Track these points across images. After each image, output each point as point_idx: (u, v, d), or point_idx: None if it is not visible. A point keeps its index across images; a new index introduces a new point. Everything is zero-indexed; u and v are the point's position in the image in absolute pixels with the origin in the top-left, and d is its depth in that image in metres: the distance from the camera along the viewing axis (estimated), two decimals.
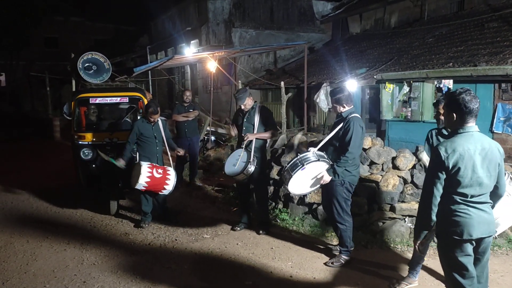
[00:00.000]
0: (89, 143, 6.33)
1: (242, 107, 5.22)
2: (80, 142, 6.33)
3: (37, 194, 7.48)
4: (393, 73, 9.54)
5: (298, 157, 4.13)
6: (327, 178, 4.13)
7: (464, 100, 2.63)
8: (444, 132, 3.71)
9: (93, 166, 6.30)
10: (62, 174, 9.08)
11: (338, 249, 4.50)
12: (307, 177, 4.15)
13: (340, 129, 4.21)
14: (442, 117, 3.68)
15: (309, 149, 4.20)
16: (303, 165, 4.04)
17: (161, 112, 5.75)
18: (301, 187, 4.27)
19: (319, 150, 4.24)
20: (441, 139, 3.69)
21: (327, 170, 4.12)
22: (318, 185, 4.28)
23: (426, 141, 3.96)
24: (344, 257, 4.41)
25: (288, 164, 4.20)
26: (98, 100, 6.70)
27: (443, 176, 2.63)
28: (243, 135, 5.16)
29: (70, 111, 6.71)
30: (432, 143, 3.79)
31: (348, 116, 4.21)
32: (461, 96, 2.64)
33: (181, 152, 5.86)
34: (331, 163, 4.15)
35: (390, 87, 9.48)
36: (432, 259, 4.36)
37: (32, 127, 17.42)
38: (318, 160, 4.09)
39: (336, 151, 4.24)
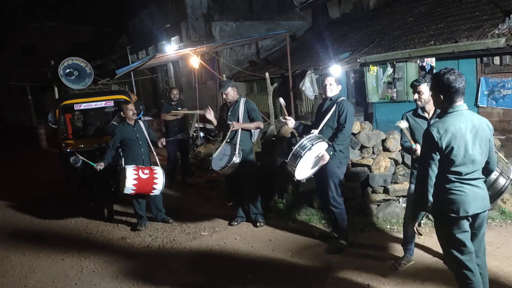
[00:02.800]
0: (77, 150, 6.26)
1: (224, 96, 5.24)
2: (68, 150, 6.26)
3: (29, 205, 7.39)
4: (376, 55, 9.55)
5: (305, 138, 4.19)
6: (327, 157, 4.20)
7: (449, 80, 2.64)
8: (420, 112, 3.73)
9: (83, 173, 6.24)
10: (52, 182, 8.98)
11: (336, 235, 4.54)
12: (311, 157, 4.21)
13: (334, 111, 4.33)
14: (420, 98, 3.67)
15: (312, 131, 4.28)
16: (312, 145, 4.11)
17: (147, 111, 5.71)
18: (304, 170, 4.30)
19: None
20: (418, 120, 3.71)
21: (327, 150, 4.21)
22: (317, 167, 4.30)
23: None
24: (342, 241, 4.45)
25: (296, 146, 4.21)
26: (83, 106, 6.62)
27: (437, 156, 2.65)
28: (229, 122, 5.15)
29: (55, 119, 6.61)
30: (411, 128, 3.77)
31: (339, 99, 4.39)
32: (446, 76, 2.65)
33: (163, 141, 5.75)
34: (330, 143, 4.24)
35: (374, 69, 9.50)
36: (429, 237, 4.43)
37: (18, 137, 17.16)
38: (323, 140, 4.20)
39: (332, 133, 4.35)
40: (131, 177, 5.16)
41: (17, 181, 9.79)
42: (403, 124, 3.57)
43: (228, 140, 5.16)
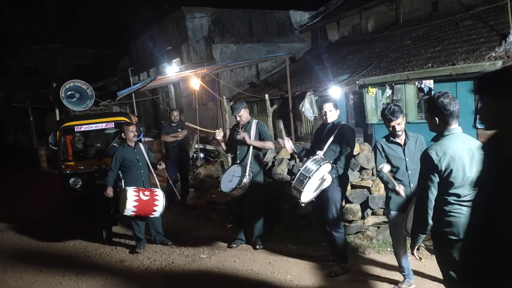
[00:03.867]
0: (77, 171, 6.26)
1: (238, 118, 5.23)
2: (68, 172, 6.26)
3: (28, 227, 7.34)
4: (374, 77, 9.65)
5: (310, 160, 4.18)
6: (329, 180, 4.18)
7: (443, 103, 2.69)
8: (392, 138, 3.78)
9: (83, 194, 6.23)
10: (52, 204, 8.94)
11: (336, 258, 4.49)
12: (316, 179, 4.18)
13: (337, 135, 4.34)
14: (401, 128, 3.73)
15: (317, 153, 4.28)
16: (319, 166, 4.08)
17: (148, 132, 5.73)
18: (310, 192, 4.27)
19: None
20: (392, 146, 3.76)
21: (330, 172, 4.20)
22: (319, 190, 4.27)
23: (378, 153, 3.86)
24: (342, 265, 4.41)
25: (301, 168, 4.18)
26: (83, 128, 6.65)
27: (436, 179, 2.66)
28: (239, 136, 5.12)
29: (56, 141, 6.63)
30: (386, 154, 3.80)
31: (340, 123, 4.43)
32: (440, 99, 2.71)
33: (162, 165, 5.75)
34: (334, 165, 4.24)
35: (373, 91, 9.59)
36: (430, 260, 4.38)
37: (18, 158, 17.18)
38: (328, 162, 4.19)
39: (335, 156, 4.35)
40: (132, 199, 5.14)
41: (16, 202, 9.75)
42: (386, 168, 3.58)
43: (238, 161, 5.16)
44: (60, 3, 29.52)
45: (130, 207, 5.13)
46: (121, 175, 5.60)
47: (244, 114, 5.23)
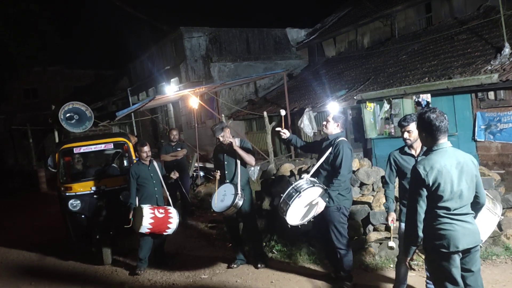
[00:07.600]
0: (77, 193, 6.23)
1: (221, 139, 5.15)
2: (67, 194, 6.22)
3: (27, 251, 7.26)
4: (372, 92, 9.72)
5: (293, 185, 4.12)
6: (322, 205, 4.10)
7: (429, 118, 2.76)
8: (407, 150, 3.77)
9: (82, 216, 6.18)
10: (51, 227, 8.87)
11: (340, 275, 4.43)
12: (303, 205, 4.12)
13: (330, 153, 4.24)
14: (410, 136, 3.73)
15: (302, 176, 4.21)
16: (299, 193, 4.01)
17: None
18: (299, 217, 4.22)
19: (311, 176, 4.25)
20: (405, 157, 3.75)
21: (322, 196, 4.11)
22: (314, 213, 4.22)
23: (388, 165, 3.86)
24: (347, 283, 4.35)
25: (284, 194, 4.13)
26: (82, 150, 6.64)
27: (424, 193, 2.73)
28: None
29: (55, 163, 6.61)
30: (399, 166, 3.79)
31: (336, 140, 4.27)
32: (427, 115, 2.79)
33: (176, 174, 5.79)
34: (325, 187, 4.15)
35: (371, 106, 9.63)
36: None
37: (17, 181, 17.12)
38: (313, 185, 4.09)
39: (328, 176, 4.26)
40: (148, 216, 5.16)
41: (16, 227, 9.67)
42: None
43: (227, 181, 5.14)
44: (59, 25, 29.87)
45: (146, 225, 5.14)
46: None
47: (226, 134, 5.14)
